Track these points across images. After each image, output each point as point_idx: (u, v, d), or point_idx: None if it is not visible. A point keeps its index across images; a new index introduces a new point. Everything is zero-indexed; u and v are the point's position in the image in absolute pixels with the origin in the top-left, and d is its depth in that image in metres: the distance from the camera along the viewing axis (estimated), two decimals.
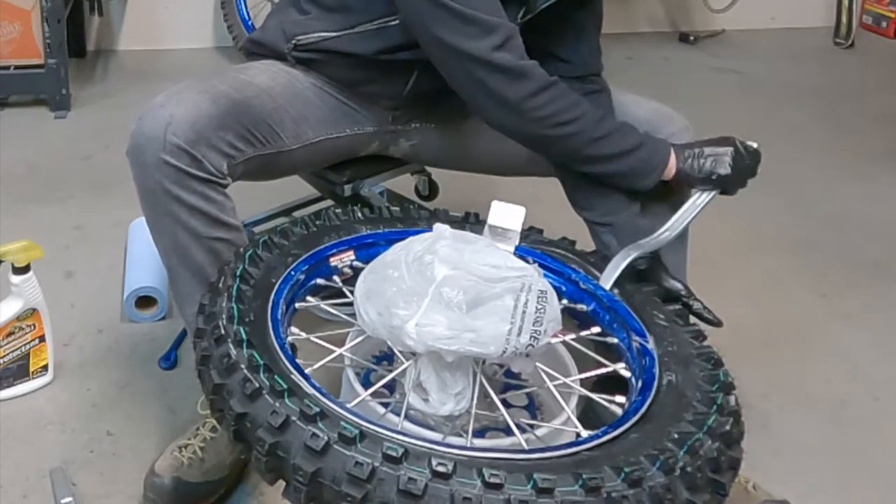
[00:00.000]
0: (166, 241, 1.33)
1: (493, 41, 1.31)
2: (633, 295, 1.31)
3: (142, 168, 1.28)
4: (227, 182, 1.34)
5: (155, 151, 1.26)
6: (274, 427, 0.94)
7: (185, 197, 1.28)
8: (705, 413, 1.05)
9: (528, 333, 1.08)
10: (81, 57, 3.37)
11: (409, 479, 0.88)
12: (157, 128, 1.27)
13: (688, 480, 0.95)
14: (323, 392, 1.01)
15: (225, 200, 1.34)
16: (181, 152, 1.27)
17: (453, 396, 1.12)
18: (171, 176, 1.27)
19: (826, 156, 2.84)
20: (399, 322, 1.08)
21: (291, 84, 1.47)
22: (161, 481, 1.35)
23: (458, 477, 0.88)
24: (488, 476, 0.88)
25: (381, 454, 0.90)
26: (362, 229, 1.34)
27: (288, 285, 1.20)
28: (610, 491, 0.90)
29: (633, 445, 0.99)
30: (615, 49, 3.67)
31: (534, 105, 1.34)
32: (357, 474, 0.89)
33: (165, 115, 1.28)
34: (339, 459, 0.90)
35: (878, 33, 4.16)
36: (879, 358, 1.85)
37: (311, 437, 0.92)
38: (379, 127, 1.59)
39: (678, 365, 1.16)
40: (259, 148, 1.38)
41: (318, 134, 1.50)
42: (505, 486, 0.88)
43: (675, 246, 1.45)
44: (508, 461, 0.94)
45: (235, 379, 1.00)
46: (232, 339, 1.04)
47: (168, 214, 1.30)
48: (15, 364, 1.60)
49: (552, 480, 0.89)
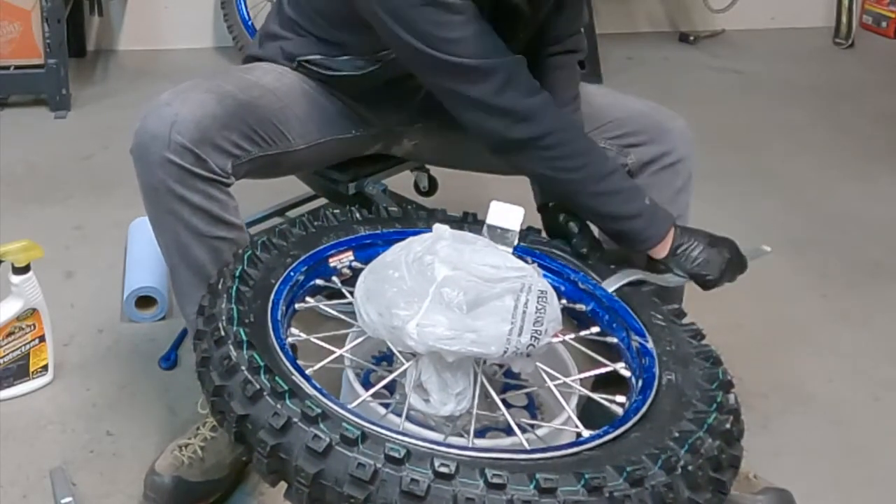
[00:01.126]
0: (168, 238, 1.33)
1: (494, 85, 1.28)
2: (632, 295, 1.31)
3: (145, 166, 1.28)
4: (230, 181, 1.34)
5: (159, 150, 1.26)
6: (275, 429, 0.94)
7: (188, 195, 1.28)
8: (705, 411, 1.06)
9: (529, 333, 1.08)
10: (81, 57, 3.37)
11: (412, 479, 0.88)
12: (162, 126, 1.27)
13: (689, 479, 0.95)
14: (324, 393, 1.00)
15: (228, 199, 1.34)
16: (186, 151, 1.26)
17: (454, 397, 1.12)
18: (175, 175, 1.27)
19: (826, 156, 2.83)
20: (400, 322, 1.08)
21: (298, 85, 1.47)
22: (161, 480, 1.35)
23: (460, 477, 0.88)
24: (491, 476, 0.88)
25: (384, 455, 0.90)
26: (361, 230, 1.34)
27: (287, 286, 1.20)
28: (612, 490, 0.90)
29: (635, 444, 0.99)
30: (615, 49, 3.67)
31: (539, 146, 1.32)
32: (360, 475, 0.89)
33: (171, 113, 1.28)
34: (341, 461, 0.90)
35: (878, 33, 4.15)
36: (879, 358, 1.85)
37: (313, 438, 0.92)
38: (384, 129, 1.58)
39: (677, 364, 1.16)
40: (265, 148, 1.38)
41: (323, 134, 1.49)
42: (508, 487, 0.88)
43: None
44: (511, 461, 0.94)
45: (236, 381, 1.00)
46: (232, 341, 1.04)
47: (170, 212, 1.30)
48: (15, 364, 1.60)
49: (554, 480, 0.89)
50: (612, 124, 1.50)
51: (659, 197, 1.44)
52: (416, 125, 1.60)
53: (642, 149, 1.48)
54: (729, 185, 2.56)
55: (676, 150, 1.48)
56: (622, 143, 1.49)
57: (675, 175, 1.49)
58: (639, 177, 1.48)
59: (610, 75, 3.35)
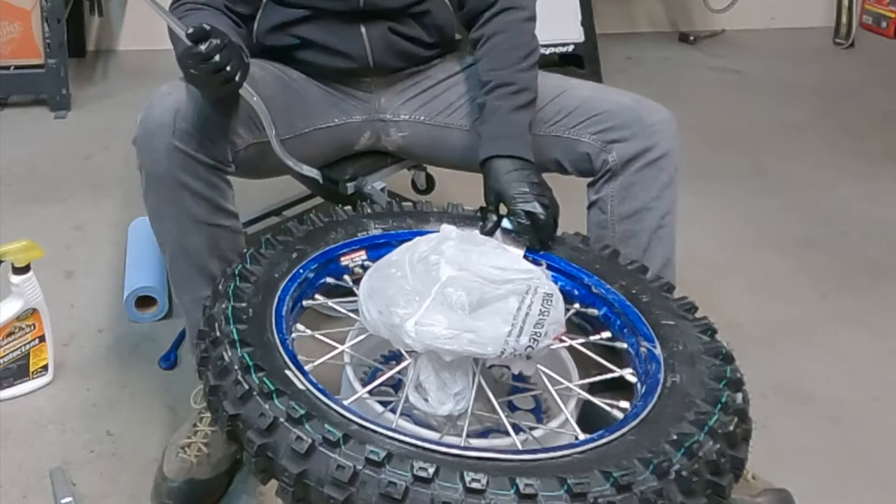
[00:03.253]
0: (168, 227, 1.35)
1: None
2: (641, 295, 1.29)
3: (151, 154, 1.30)
4: (230, 169, 1.37)
5: (165, 137, 1.29)
6: (262, 429, 0.95)
7: (191, 183, 1.31)
8: (708, 413, 1.03)
9: (528, 335, 1.08)
10: (81, 57, 3.37)
11: (390, 482, 0.88)
12: (166, 114, 1.30)
13: (682, 484, 0.93)
14: (320, 389, 1.01)
15: (227, 188, 1.37)
16: (190, 137, 1.30)
17: (452, 396, 1.12)
18: (180, 162, 1.30)
19: (826, 156, 2.83)
20: (398, 320, 1.08)
21: (279, 76, 1.53)
22: (175, 485, 1.36)
23: (440, 481, 0.88)
24: (469, 481, 0.88)
25: (364, 458, 0.90)
26: (371, 225, 1.35)
27: (296, 283, 1.21)
28: (597, 496, 0.89)
29: (629, 448, 0.98)
30: (615, 49, 3.68)
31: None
32: (339, 477, 0.90)
33: (173, 101, 1.31)
34: (322, 462, 0.91)
35: (878, 33, 4.15)
36: (879, 358, 1.85)
37: (296, 439, 0.93)
38: (367, 115, 1.60)
39: (683, 364, 1.13)
40: (257, 135, 1.41)
41: (307, 124, 1.53)
42: (487, 492, 0.88)
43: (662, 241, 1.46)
44: (495, 464, 0.93)
45: (229, 381, 1.01)
46: (227, 341, 1.05)
47: (172, 201, 1.32)
48: (15, 364, 1.60)
49: (535, 485, 0.88)
50: (596, 118, 1.48)
51: (646, 194, 1.44)
52: (401, 115, 1.61)
53: (625, 145, 1.45)
54: (729, 185, 2.56)
55: (659, 144, 1.44)
56: (606, 138, 1.47)
57: (660, 171, 1.45)
58: (623, 174, 1.46)
59: (610, 75, 3.35)
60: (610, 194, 1.47)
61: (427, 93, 1.61)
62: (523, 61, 1.48)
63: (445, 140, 1.60)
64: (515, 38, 1.50)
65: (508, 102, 1.45)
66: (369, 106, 1.61)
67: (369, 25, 1.53)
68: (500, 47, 1.50)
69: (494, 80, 1.47)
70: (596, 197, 1.50)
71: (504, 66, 1.47)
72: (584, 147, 1.49)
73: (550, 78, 1.56)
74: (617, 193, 1.47)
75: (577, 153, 1.50)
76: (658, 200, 1.45)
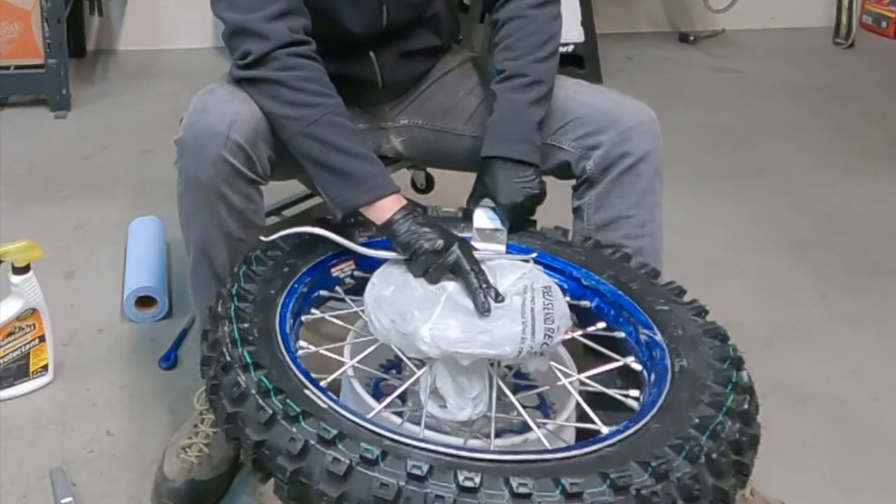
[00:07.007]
0: (198, 233, 1.34)
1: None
2: (630, 283, 1.29)
3: (198, 160, 1.27)
4: (266, 183, 1.36)
5: (216, 147, 1.26)
6: (293, 454, 0.92)
7: (230, 195, 1.29)
8: (722, 393, 1.04)
9: (542, 332, 1.08)
10: (81, 57, 3.37)
11: (437, 496, 0.87)
12: (222, 123, 1.26)
13: (713, 467, 0.94)
14: (341, 405, 0.99)
15: (260, 201, 1.36)
16: (240, 151, 1.27)
17: (471, 401, 1.12)
18: (226, 174, 1.28)
19: (826, 156, 2.83)
20: (413, 328, 1.08)
21: None
22: (175, 485, 1.36)
23: (485, 489, 0.87)
24: (517, 486, 0.87)
25: (406, 473, 0.88)
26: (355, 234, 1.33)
27: (293, 298, 1.20)
28: (639, 488, 0.89)
29: (656, 436, 0.98)
30: (615, 49, 3.67)
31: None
32: (383, 496, 0.88)
33: (231, 111, 1.27)
34: (363, 482, 0.89)
35: (878, 33, 4.15)
36: (879, 358, 1.85)
37: (333, 461, 0.90)
38: (370, 124, 1.59)
39: (687, 349, 1.14)
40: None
41: None
42: (534, 496, 0.87)
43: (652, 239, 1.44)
44: (536, 465, 0.92)
45: (248, 407, 0.98)
46: (239, 365, 1.02)
47: (209, 210, 1.30)
48: (15, 364, 1.60)
49: (580, 484, 0.88)
50: (574, 123, 1.43)
51: (623, 202, 1.40)
52: (401, 121, 1.60)
53: (602, 151, 1.40)
54: (729, 185, 2.56)
55: (636, 149, 1.38)
56: (585, 144, 1.42)
57: (637, 177, 1.39)
58: (600, 184, 1.41)
59: (610, 75, 3.35)
60: (587, 202, 1.43)
61: (424, 94, 1.60)
62: (540, 49, 1.40)
63: (444, 144, 1.60)
64: (533, 24, 1.42)
65: (521, 96, 1.38)
66: (374, 116, 1.59)
67: (380, 51, 1.50)
68: (516, 34, 1.42)
69: (508, 70, 1.40)
70: (577, 203, 1.46)
71: (519, 56, 1.40)
72: (564, 154, 1.44)
73: None
74: (594, 202, 1.43)
75: (557, 160, 1.45)
76: (637, 208, 1.40)
